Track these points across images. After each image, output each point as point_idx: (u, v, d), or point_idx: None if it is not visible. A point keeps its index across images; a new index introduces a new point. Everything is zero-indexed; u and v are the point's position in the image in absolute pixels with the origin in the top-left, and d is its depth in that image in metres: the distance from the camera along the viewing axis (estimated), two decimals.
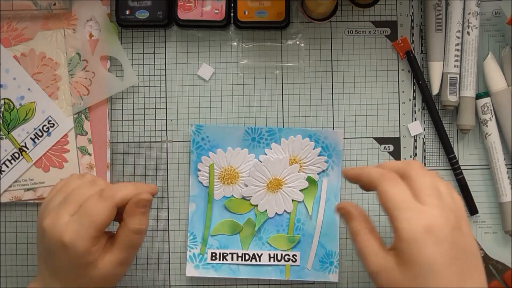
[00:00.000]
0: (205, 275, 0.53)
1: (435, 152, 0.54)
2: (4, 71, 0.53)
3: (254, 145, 0.53)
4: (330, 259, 0.53)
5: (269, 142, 0.53)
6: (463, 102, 0.53)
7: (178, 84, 0.55)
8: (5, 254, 0.54)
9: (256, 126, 0.54)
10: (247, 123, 0.54)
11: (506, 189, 0.53)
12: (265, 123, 0.54)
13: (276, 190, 0.53)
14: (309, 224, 0.53)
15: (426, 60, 0.54)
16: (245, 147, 0.53)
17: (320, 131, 0.53)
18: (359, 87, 0.55)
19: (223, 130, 0.53)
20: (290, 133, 0.53)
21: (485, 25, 0.55)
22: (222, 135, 0.53)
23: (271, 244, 0.53)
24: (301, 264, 0.53)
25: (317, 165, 0.53)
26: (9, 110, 0.53)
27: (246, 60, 0.55)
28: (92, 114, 0.54)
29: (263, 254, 0.53)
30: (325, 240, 0.53)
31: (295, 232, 0.53)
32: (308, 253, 0.53)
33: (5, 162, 0.53)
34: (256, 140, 0.53)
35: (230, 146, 0.53)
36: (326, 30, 0.55)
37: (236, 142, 0.53)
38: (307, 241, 0.53)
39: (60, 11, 0.53)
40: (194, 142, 0.53)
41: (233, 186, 0.53)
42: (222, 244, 0.53)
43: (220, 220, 0.53)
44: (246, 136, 0.53)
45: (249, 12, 0.53)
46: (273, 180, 0.53)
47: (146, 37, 0.55)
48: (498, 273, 0.53)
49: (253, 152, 0.53)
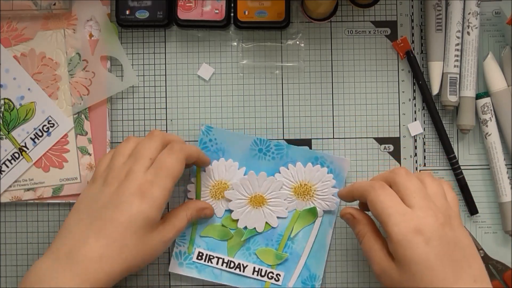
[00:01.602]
0: (188, 274, 0.53)
1: (435, 152, 0.54)
2: (4, 71, 0.53)
3: (260, 156, 0.53)
4: (312, 282, 0.52)
5: (275, 156, 0.53)
6: (463, 102, 0.53)
7: (178, 84, 0.55)
8: (5, 254, 0.54)
9: (265, 139, 0.53)
10: (247, 123, 0.54)
11: (506, 189, 0.53)
12: (265, 122, 0.54)
13: (257, 206, 0.53)
14: (299, 244, 0.53)
15: (426, 60, 0.54)
16: (251, 157, 0.53)
17: (327, 156, 0.53)
18: (359, 87, 0.55)
19: (232, 136, 0.53)
20: (296, 152, 0.53)
21: (485, 25, 0.55)
22: (230, 141, 0.53)
23: (258, 256, 0.53)
24: (283, 283, 0.52)
25: (327, 203, 0.53)
26: (9, 110, 0.53)
27: (246, 60, 0.55)
28: (92, 114, 0.54)
29: (248, 266, 0.52)
30: (312, 262, 0.53)
31: (284, 250, 0.53)
32: (292, 272, 0.52)
33: (5, 162, 0.53)
34: (263, 151, 0.53)
35: (236, 153, 0.53)
36: (326, 30, 0.55)
37: (242, 150, 0.53)
38: (294, 260, 0.53)
39: (60, 11, 0.53)
40: (201, 142, 0.53)
41: (221, 200, 0.53)
42: (209, 246, 0.53)
43: (211, 223, 0.53)
44: (254, 146, 0.53)
45: (249, 12, 0.53)
46: (258, 196, 0.53)
47: (146, 37, 0.55)
48: (498, 273, 0.53)
49: (258, 162, 0.53)
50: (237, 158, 0.53)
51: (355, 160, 0.54)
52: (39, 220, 0.54)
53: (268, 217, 0.53)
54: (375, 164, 0.54)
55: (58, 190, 0.53)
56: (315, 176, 0.53)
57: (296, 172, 0.53)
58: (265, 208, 0.53)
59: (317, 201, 0.53)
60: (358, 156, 0.54)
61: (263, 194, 0.53)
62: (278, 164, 0.53)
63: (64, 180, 0.53)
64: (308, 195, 0.53)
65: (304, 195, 0.53)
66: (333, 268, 0.54)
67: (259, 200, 0.53)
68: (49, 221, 0.54)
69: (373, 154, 0.54)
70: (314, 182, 0.53)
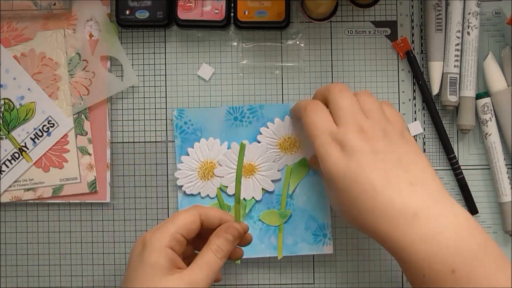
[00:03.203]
0: None
1: (435, 152, 0.54)
2: (4, 71, 0.53)
3: (237, 124, 0.53)
4: (323, 232, 0.52)
5: (251, 120, 0.53)
6: (463, 102, 0.53)
7: (178, 84, 0.55)
8: (5, 254, 0.54)
9: (237, 105, 0.54)
10: None
11: (506, 189, 0.53)
12: None
13: (249, 176, 0.53)
14: (300, 199, 0.53)
15: (426, 60, 0.54)
16: (229, 127, 0.53)
17: None
18: (359, 87, 0.55)
19: (206, 112, 0.53)
20: (271, 109, 0.53)
21: (485, 25, 0.55)
22: (204, 118, 0.53)
23: (263, 220, 0.53)
24: (293, 240, 0.53)
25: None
26: (9, 110, 0.53)
27: (246, 60, 0.55)
28: (92, 114, 0.54)
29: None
30: (316, 213, 0.53)
31: (286, 208, 0.53)
32: (301, 226, 0.53)
33: (5, 162, 0.53)
34: (238, 119, 0.53)
35: (213, 129, 0.53)
36: (326, 30, 0.55)
37: (218, 123, 0.53)
38: (298, 215, 0.53)
39: (60, 11, 0.53)
40: (178, 127, 0.53)
41: (210, 180, 0.53)
42: None
43: (210, 203, 0.53)
44: (228, 116, 0.53)
45: (249, 12, 0.53)
46: (247, 166, 0.53)
47: (146, 37, 0.55)
48: None
49: (236, 130, 0.53)
50: (216, 133, 0.53)
51: None
52: (39, 220, 0.54)
53: (263, 183, 0.53)
54: None
55: (58, 190, 0.53)
56: (296, 127, 0.53)
57: (276, 128, 0.53)
58: (257, 175, 0.53)
59: (305, 150, 0.53)
60: None
61: (251, 162, 0.53)
62: (257, 126, 0.53)
63: (64, 180, 0.53)
64: (294, 147, 0.53)
65: (291, 148, 0.53)
66: (333, 268, 0.54)
67: (250, 169, 0.53)
68: (49, 221, 0.54)
69: None
70: (297, 133, 0.53)
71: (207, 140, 0.53)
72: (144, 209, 0.54)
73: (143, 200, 0.54)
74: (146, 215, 0.54)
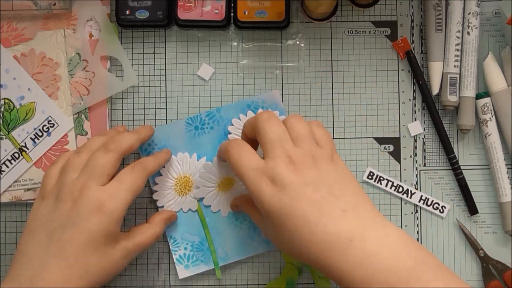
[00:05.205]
0: (197, 272, 0.53)
1: (435, 152, 0.54)
2: (4, 71, 0.53)
3: (200, 133, 0.53)
4: None
5: (212, 125, 0.53)
6: (463, 102, 0.53)
7: (178, 84, 0.55)
8: (5, 254, 0.54)
9: (194, 115, 0.53)
10: None
11: (506, 189, 0.53)
12: None
13: (228, 189, 0.53)
14: None
15: (426, 60, 0.54)
16: (192, 138, 0.53)
17: (258, 97, 0.53)
18: (359, 87, 0.55)
19: (166, 129, 0.53)
20: (228, 110, 0.53)
21: (485, 25, 0.55)
22: (165, 135, 0.53)
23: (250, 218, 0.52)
24: None
25: None
26: (9, 110, 0.53)
27: (246, 60, 0.55)
28: (92, 114, 0.54)
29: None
30: None
31: None
32: None
33: (5, 162, 0.53)
34: (199, 128, 0.53)
35: (178, 143, 0.53)
36: (326, 30, 0.55)
37: (181, 136, 0.53)
38: None
39: (60, 11, 0.53)
40: (143, 150, 0.53)
41: (189, 194, 0.53)
42: (201, 238, 0.53)
43: (193, 216, 0.53)
44: (189, 127, 0.53)
45: (249, 12, 0.53)
46: (224, 180, 0.53)
47: (146, 37, 0.55)
48: (498, 273, 0.53)
49: (200, 139, 0.53)
50: (181, 147, 0.53)
51: (355, 160, 0.54)
52: None
53: (245, 192, 0.52)
54: (375, 164, 0.54)
55: None
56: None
57: (239, 128, 0.53)
58: (237, 186, 0.53)
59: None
60: (358, 156, 0.54)
61: (229, 176, 0.53)
62: (220, 130, 0.53)
63: None
64: (232, 183, 0.53)
65: (230, 185, 0.53)
66: None
67: (228, 183, 0.53)
68: None
69: (373, 154, 0.54)
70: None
71: (176, 156, 0.53)
72: (144, 209, 0.54)
73: (143, 200, 0.54)
74: (141, 215, 0.54)
